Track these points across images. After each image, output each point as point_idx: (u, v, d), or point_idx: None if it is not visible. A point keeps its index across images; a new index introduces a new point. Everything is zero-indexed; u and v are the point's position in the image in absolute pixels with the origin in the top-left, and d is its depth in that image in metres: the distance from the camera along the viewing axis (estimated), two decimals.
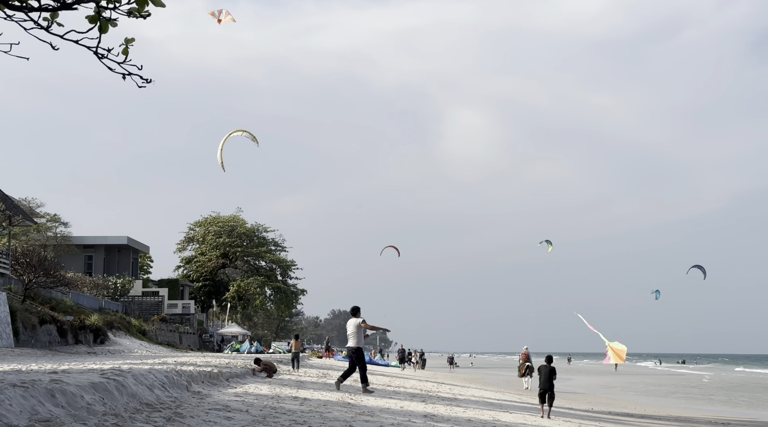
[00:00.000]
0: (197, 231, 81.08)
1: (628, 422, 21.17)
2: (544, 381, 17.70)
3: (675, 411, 27.56)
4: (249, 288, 75.91)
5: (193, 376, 14.67)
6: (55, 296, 42.16)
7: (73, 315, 39.31)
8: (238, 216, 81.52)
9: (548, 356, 18.85)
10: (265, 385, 18.07)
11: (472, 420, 14.14)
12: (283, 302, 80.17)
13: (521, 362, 38.10)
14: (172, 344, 52.77)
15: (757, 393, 44.36)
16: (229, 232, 79.30)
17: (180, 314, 62.98)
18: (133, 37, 6.16)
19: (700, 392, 45.39)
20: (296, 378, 23.36)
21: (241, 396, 13.89)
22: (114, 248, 63.33)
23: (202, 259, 78.91)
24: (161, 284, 68.05)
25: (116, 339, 42.48)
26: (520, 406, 22.22)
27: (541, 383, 17.80)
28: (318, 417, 11.49)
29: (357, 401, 15.82)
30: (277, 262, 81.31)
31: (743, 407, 33.39)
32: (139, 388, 10.47)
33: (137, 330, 48.57)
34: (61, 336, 35.96)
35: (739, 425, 22.88)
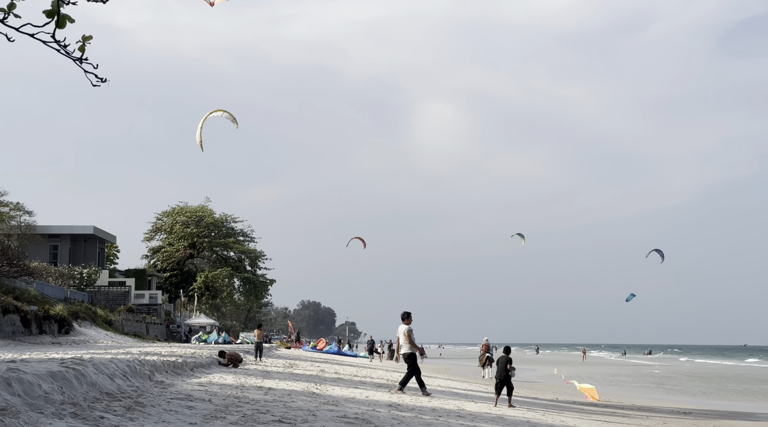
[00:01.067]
0: (165, 221, 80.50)
1: (592, 411, 21.39)
2: (501, 370, 17.90)
3: (638, 401, 27.89)
4: (217, 279, 75.54)
5: (156, 365, 14.57)
6: (19, 285, 41.63)
7: (38, 305, 38.84)
8: (206, 206, 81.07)
9: (506, 347, 19.07)
10: (230, 375, 18.01)
11: (437, 409, 14.20)
12: (251, 292, 79.95)
13: (482, 352, 38.94)
14: (139, 334, 52.36)
15: (712, 383, 45.10)
16: (197, 222, 78.82)
17: (147, 304, 62.49)
18: (90, 35, 6.07)
19: (660, 382, 46.00)
20: (262, 368, 23.31)
21: (204, 386, 13.83)
22: (80, 238, 62.62)
23: (170, 249, 78.38)
24: (128, 274, 67.46)
25: (81, 329, 42.05)
26: (486, 396, 22.35)
27: (498, 373, 18.02)
28: (282, 406, 11.48)
29: (322, 390, 15.83)
30: (246, 252, 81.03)
31: (700, 396, 33.94)
32: (100, 377, 10.37)
33: (103, 320, 48.10)
34: (24, 326, 35.51)
35: (700, 415, 23.22)
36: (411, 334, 18.35)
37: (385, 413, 12.09)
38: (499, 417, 14.26)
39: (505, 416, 14.60)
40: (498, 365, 18.13)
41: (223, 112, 37.28)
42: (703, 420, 21.45)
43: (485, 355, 37.95)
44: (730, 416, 23.56)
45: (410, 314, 18.55)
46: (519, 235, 64.19)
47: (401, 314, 18.57)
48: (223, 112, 37.28)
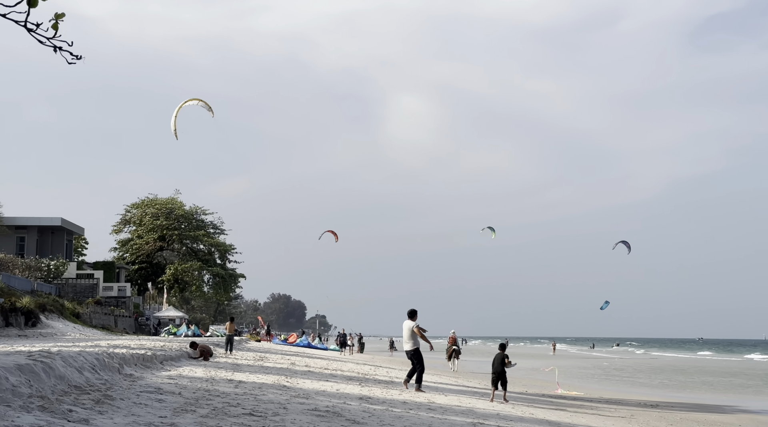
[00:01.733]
0: (134, 213, 79.74)
1: (560, 403, 21.59)
2: (497, 365, 18.60)
3: (605, 393, 28.19)
4: (187, 272, 75.04)
5: (125, 358, 14.46)
6: None
7: (4, 297, 38.31)
8: (176, 198, 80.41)
9: (501, 343, 20.05)
10: (200, 368, 17.92)
11: (408, 402, 14.25)
12: (221, 286, 79.50)
13: (448, 345, 39.74)
14: (107, 327, 51.88)
15: (672, 375, 45.78)
16: (166, 214, 78.19)
17: (115, 296, 61.93)
18: (63, 12, 5.99)
19: (623, 374, 46.53)
20: (233, 361, 23.22)
21: (174, 379, 13.75)
22: (47, 230, 61.89)
23: (139, 242, 77.69)
24: (96, 266, 66.80)
25: (49, 322, 41.58)
26: (456, 389, 22.49)
27: (494, 368, 18.67)
28: (252, 399, 11.45)
29: (293, 383, 15.81)
30: (216, 245, 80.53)
31: (662, 388, 34.45)
32: (68, 370, 10.27)
33: (71, 313, 47.59)
34: None
35: (666, 407, 23.53)
36: (421, 329, 18.38)
37: (356, 406, 12.11)
38: (470, 410, 14.33)
39: (475, 409, 14.69)
40: (494, 360, 18.81)
41: (198, 101, 37.02)
42: (669, 412, 21.74)
43: (452, 347, 38.82)
44: (696, 409, 23.90)
45: (416, 311, 18.59)
46: (489, 228, 64.49)
47: (408, 312, 18.57)
48: (199, 101, 37.02)
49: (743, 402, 27.46)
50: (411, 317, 18.42)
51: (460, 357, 41.46)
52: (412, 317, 18.44)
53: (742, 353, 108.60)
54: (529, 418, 14.51)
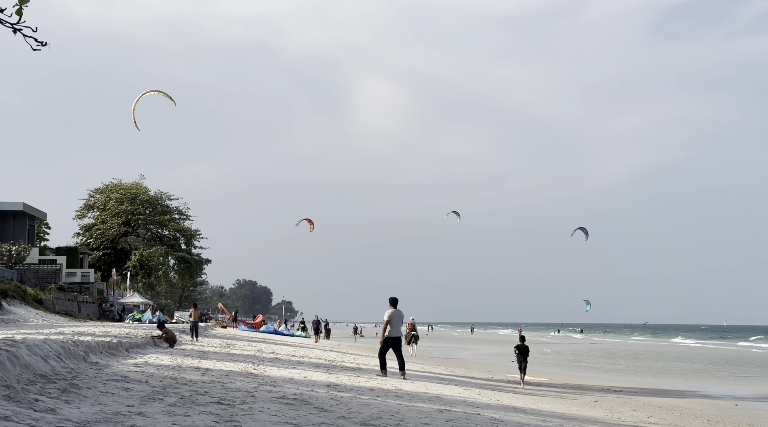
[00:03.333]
0: (98, 198, 78.86)
1: (526, 391, 21.81)
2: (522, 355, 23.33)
3: (570, 379, 28.54)
4: (152, 257, 74.42)
5: (90, 346, 14.34)
6: None
7: None
8: (140, 183, 79.64)
9: (522, 336, 25.10)
10: (166, 355, 17.83)
11: (375, 389, 14.32)
12: (186, 271, 79.02)
13: (408, 331, 40.87)
14: (71, 313, 51.34)
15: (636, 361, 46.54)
16: (131, 199, 77.44)
17: (79, 282, 61.26)
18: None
19: (591, 360, 47.15)
20: (199, 348, 23.13)
21: (141, 367, 13.67)
22: (9, 214, 60.91)
23: (103, 227, 76.85)
24: (59, 251, 65.94)
25: (10, 308, 41.03)
26: (422, 376, 22.62)
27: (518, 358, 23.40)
28: (220, 387, 11.43)
29: (260, 371, 15.79)
30: (181, 231, 79.98)
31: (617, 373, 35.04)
32: (33, 359, 10.16)
33: (33, 299, 47.01)
34: None
35: (630, 392, 23.90)
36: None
37: (323, 394, 12.14)
38: (437, 397, 14.44)
39: (441, 396, 14.80)
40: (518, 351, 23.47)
41: (158, 92, 36.64)
42: (633, 397, 22.09)
43: (411, 333, 40.33)
44: (658, 394, 24.31)
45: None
46: (454, 213, 64.80)
47: (394, 300, 18.72)
48: (159, 92, 36.64)
49: (701, 387, 27.99)
50: (397, 305, 18.73)
51: (419, 343, 42.67)
52: (397, 304, 18.74)
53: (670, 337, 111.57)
54: (495, 405, 14.65)
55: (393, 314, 18.60)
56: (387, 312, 18.60)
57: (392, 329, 18.68)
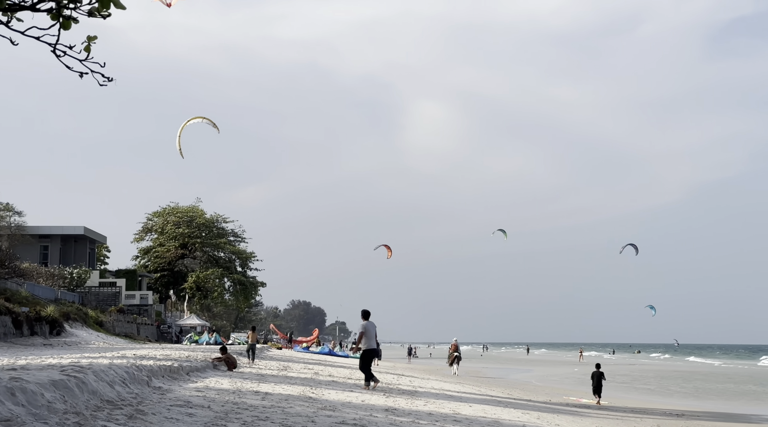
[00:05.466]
0: (155, 221, 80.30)
1: (586, 414, 21.50)
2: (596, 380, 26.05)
3: (630, 402, 28.04)
4: (208, 279, 75.41)
5: (153, 370, 14.58)
6: (10, 286, 41.44)
7: (29, 306, 38.67)
8: (197, 206, 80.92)
9: (597, 363, 27.94)
10: (225, 379, 18.02)
11: (433, 414, 14.27)
12: (242, 293, 79.85)
13: (451, 351, 42.91)
14: (130, 335, 52.21)
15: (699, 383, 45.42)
16: (188, 222, 78.67)
17: (138, 304, 62.30)
18: (95, 35, 6.10)
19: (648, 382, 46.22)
20: (257, 371, 23.32)
21: (202, 391, 13.85)
22: (70, 238, 62.41)
23: (161, 249, 78.18)
24: (119, 274, 67.23)
25: (73, 331, 41.92)
26: (480, 398, 22.45)
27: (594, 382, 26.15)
28: (280, 412, 11.52)
29: (318, 395, 15.87)
30: (237, 253, 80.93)
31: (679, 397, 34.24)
32: (100, 385, 10.39)
33: (94, 321, 47.93)
34: (16, 328, 35.36)
35: (693, 416, 23.37)
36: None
37: (382, 419, 12.14)
38: (495, 421, 14.33)
39: (500, 420, 14.68)
40: (593, 375, 26.27)
41: (202, 119, 37.24)
42: (697, 422, 21.59)
43: (453, 354, 41.99)
44: (723, 418, 23.72)
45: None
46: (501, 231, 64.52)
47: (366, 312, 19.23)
48: (203, 119, 37.24)
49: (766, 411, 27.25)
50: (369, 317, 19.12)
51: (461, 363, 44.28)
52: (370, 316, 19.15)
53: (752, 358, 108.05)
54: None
55: (367, 326, 18.99)
56: (361, 324, 19.06)
57: (368, 340, 18.93)
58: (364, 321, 19.09)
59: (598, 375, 26.13)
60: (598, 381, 26.03)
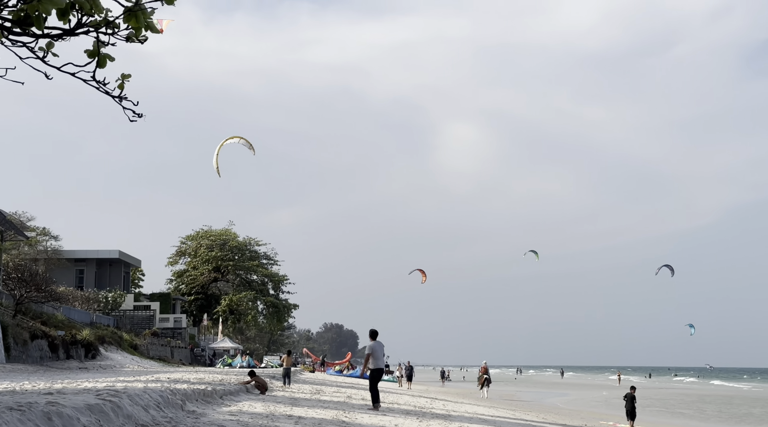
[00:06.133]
0: (189, 245, 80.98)
1: None
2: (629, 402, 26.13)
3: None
4: (241, 302, 75.75)
5: (187, 394, 14.63)
6: (47, 310, 41.97)
7: (65, 330, 39.12)
8: (230, 230, 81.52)
9: (632, 385, 28.26)
10: (258, 403, 18.03)
11: None
12: (274, 316, 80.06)
13: (480, 374, 43.23)
14: (164, 358, 52.54)
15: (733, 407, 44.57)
16: (221, 245, 79.21)
17: (171, 328, 62.73)
18: (129, 74, 6.24)
19: (684, 405, 45.44)
20: (290, 395, 23.31)
21: (236, 415, 13.86)
22: (105, 262, 63.11)
23: (194, 273, 78.74)
24: (153, 297, 67.81)
25: (108, 354, 42.28)
26: (514, 422, 22.22)
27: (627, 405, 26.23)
28: None
29: (351, 419, 15.80)
30: (269, 276, 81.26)
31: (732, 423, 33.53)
32: (135, 409, 10.45)
33: (129, 344, 48.33)
34: (52, 351, 35.77)
35: None
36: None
37: None
38: None
39: None
40: (626, 400, 26.33)
41: (239, 139, 37.66)
42: None
43: (483, 376, 42.24)
44: None
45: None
46: (532, 252, 64.20)
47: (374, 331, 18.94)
48: (240, 139, 37.66)
49: None
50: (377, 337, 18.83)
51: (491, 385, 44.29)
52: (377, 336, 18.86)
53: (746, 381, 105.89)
54: None
55: (374, 346, 18.75)
56: (368, 345, 18.82)
57: (375, 360, 18.71)
58: (371, 342, 18.87)
59: (631, 398, 26.17)
60: (632, 405, 26.02)
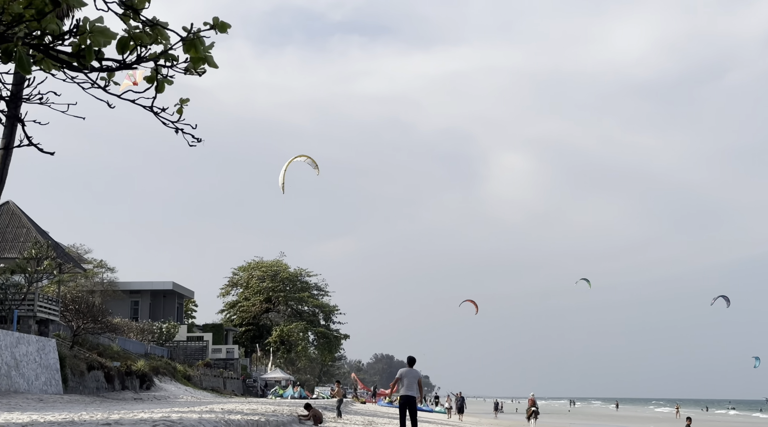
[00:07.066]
0: (241, 276, 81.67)
1: None
2: None
3: None
4: (292, 333, 75.99)
5: (241, 425, 14.66)
6: (103, 341, 42.59)
7: (120, 361, 39.62)
8: (280, 261, 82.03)
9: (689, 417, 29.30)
10: None
11: None
12: (325, 346, 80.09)
13: (528, 406, 43.12)
14: (217, 389, 52.82)
15: None
16: (272, 276, 79.71)
17: (224, 358, 63.10)
18: (188, 98, 6.33)
19: None
20: (342, 426, 23.22)
21: None
22: (159, 294, 63.91)
23: (246, 304, 79.30)
24: (205, 328, 68.38)
25: (162, 385, 42.65)
26: None
27: None
28: None
29: None
30: (320, 306, 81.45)
31: None
32: None
33: (182, 375, 48.71)
34: (108, 382, 36.23)
35: None
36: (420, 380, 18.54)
37: None
38: None
39: None
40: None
41: (305, 158, 38.15)
42: None
43: (531, 408, 42.17)
44: None
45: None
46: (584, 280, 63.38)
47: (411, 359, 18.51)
48: (306, 158, 38.15)
49: None
50: (413, 364, 18.42)
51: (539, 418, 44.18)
52: (414, 364, 18.44)
53: None
54: None
55: (403, 373, 18.23)
56: (400, 370, 18.35)
57: (404, 387, 18.24)
58: (404, 368, 18.55)
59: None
60: None
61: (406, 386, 18.26)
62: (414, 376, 18.27)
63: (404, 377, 18.30)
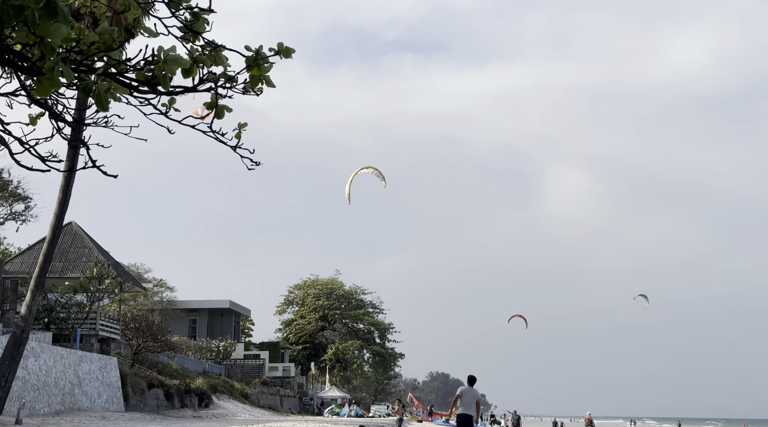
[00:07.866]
0: (297, 294, 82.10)
1: None
2: None
3: None
4: (347, 351, 76.04)
5: None
6: (162, 359, 43.17)
7: (179, 379, 40.10)
8: (336, 279, 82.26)
9: None
10: None
11: None
12: (381, 365, 79.92)
13: (585, 425, 42.83)
14: (274, 407, 53.08)
15: None
16: (327, 294, 79.96)
17: (280, 376, 63.42)
18: (245, 122, 6.42)
19: None
20: None
21: None
22: (217, 312, 64.58)
23: (302, 322, 79.65)
24: (262, 346, 68.83)
25: (220, 403, 43.02)
26: None
27: None
28: None
29: None
30: (375, 325, 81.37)
31: None
32: None
33: (239, 393, 49.08)
34: (167, 400, 36.69)
35: None
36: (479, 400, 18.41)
37: None
38: None
39: None
40: None
41: (372, 170, 38.38)
42: None
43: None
44: None
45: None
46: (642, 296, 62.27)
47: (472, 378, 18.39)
48: (373, 170, 38.38)
49: None
50: (473, 384, 18.27)
51: None
52: (474, 383, 18.29)
53: None
54: None
55: (464, 391, 18.09)
56: (460, 388, 18.22)
57: (462, 406, 17.98)
58: (464, 386, 18.43)
59: None
60: None
61: (465, 404, 18.13)
62: (473, 396, 18.19)
63: (464, 395, 18.20)
